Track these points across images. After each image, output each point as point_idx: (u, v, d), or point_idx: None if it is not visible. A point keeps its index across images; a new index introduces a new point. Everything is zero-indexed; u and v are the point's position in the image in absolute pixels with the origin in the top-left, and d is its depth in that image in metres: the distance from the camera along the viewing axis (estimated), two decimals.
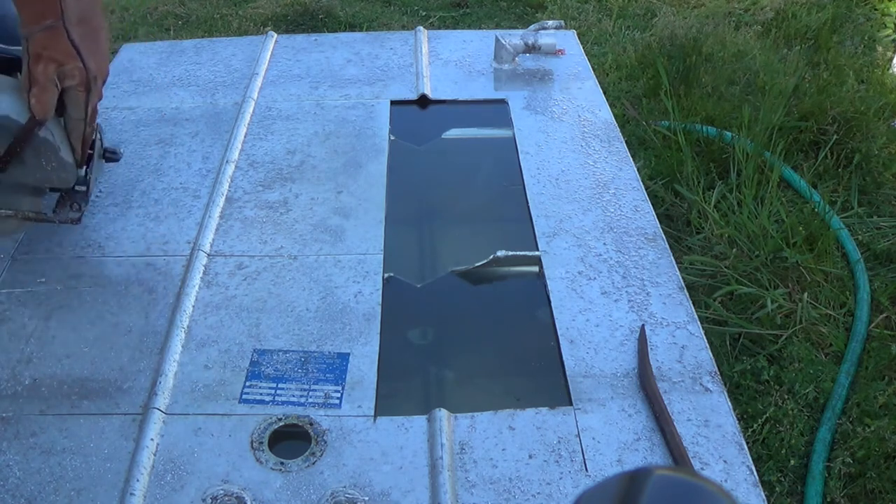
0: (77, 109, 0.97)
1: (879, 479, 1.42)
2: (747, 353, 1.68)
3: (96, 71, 0.96)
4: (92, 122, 1.00)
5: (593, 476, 0.82)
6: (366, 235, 1.13)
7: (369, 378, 0.92)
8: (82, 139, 1.00)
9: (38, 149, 0.98)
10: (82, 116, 0.98)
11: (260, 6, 3.39)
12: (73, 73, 0.94)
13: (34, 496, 0.79)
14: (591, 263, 1.09)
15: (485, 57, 1.60)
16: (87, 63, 0.94)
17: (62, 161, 0.99)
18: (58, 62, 0.93)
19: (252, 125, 1.38)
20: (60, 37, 0.92)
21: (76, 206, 1.04)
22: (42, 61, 0.92)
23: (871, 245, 1.96)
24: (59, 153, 0.98)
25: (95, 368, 0.93)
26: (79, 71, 0.94)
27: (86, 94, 0.96)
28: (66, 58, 0.93)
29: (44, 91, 0.94)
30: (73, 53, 0.93)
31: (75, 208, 1.04)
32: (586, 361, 0.94)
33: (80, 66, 0.94)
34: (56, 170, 1.00)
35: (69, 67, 0.94)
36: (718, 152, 2.24)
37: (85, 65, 0.94)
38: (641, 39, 2.99)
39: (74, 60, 0.93)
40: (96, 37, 0.96)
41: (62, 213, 1.04)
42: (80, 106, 0.97)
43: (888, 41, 3.04)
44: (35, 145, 0.97)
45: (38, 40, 0.92)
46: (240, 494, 0.79)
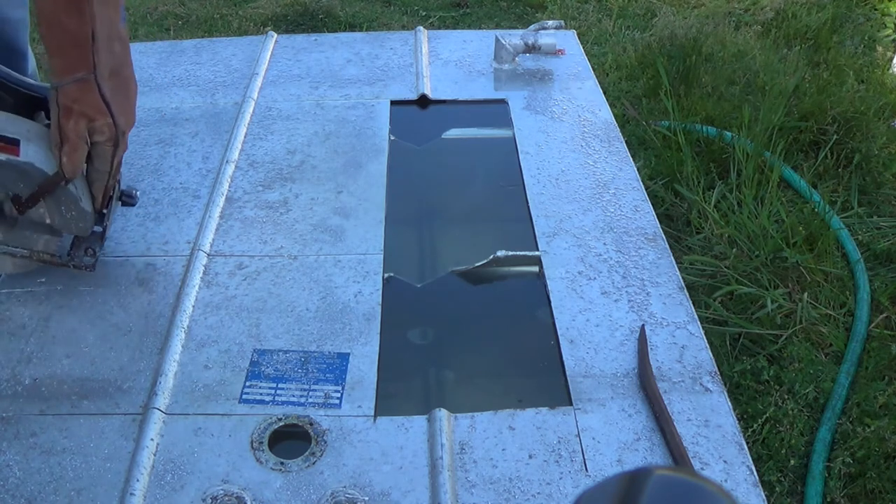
0: (103, 163, 0.96)
1: (879, 479, 1.42)
2: (747, 353, 1.68)
3: (125, 125, 0.94)
4: (116, 174, 0.99)
5: (593, 476, 0.82)
6: (366, 235, 1.13)
7: (369, 378, 0.92)
8: (104, 190, 0.99)
9: (58, 198, 0.97)
10: (108, 170, 0.97)
11: (260, 6, 3.39)
12: (102, 130, 0.93)
13: (34, 496, 0.79)
14: (591, 263, 1.09)
15: (485, 57, 1.60)
16: (116, 119, 0.92)
17: (82, 211, 0.99)
18: (88, 118, 0.91)
19: (252, 125, 1.38)
20: (92, 91, 0.90)
21: (90, 250, 1.03)
22: (73, 117, 0.90)
23: (871, 245, 1.96)
24: (80, 203, 0.98)
25: (95, 368, 0.93)
26: (108, 127, 0.93)
27: (113, 150, 0.95)
28: (96, 113, 0.91)
29: (75, 150, 0.92)
30: (104, 109, 0.91)
31: (90, 253, 1.03)
32: (586, 361, 0.94)
33: (110, 122, 0.92)
34: (75, 218, 0.99)
35: (99, 124, 0.92)
36: (718, 152, 2.24)
37: (115, 120, 0.92)
38: (641, 39, 2.99)
39: (105, 116, 0.91)
40: (127, 90, 0.94)
41: (77, 258, 1.03)
42: (106, 160, 0.96)
43: (888, 41, 3.04)
44: (56, 194, 0.97)
45: (68, 93, 0.90)
46: (240, 494, 0.79)
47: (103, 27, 0.88)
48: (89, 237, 1.03)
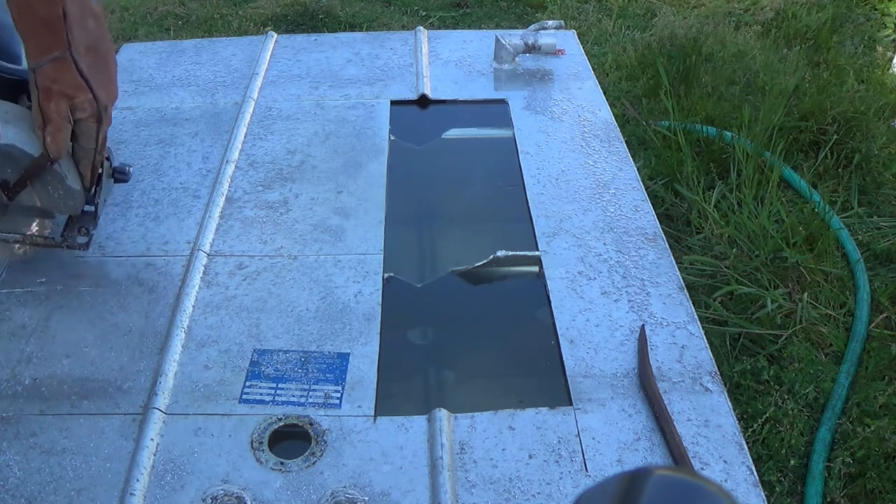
0: (88, 140, 0.96)
1: (879, 479, 1.42)
2: (747, 353, 1.68)
3: (106, 100, 0.94)
4: (102, 150, 0.99)
5: (593, 476, 0.82)
6: (366, 235, 1.13)
7: (369, 378, 0.92)
8: (91, 167, 0.99)
9: (44, 179, 0.97)
10: (93, 146, 0.97)
11: (260, 6, 3.39)
12: (83, 107, 0.92)
13: (34, 496, 0.79)
14: (591, 263, 1.09)
15: (485, 57, 1.60)
16: (97, 94, 0.92)
17: (69, 189, 0.98)
18: (68, 96, 0.91)
19: (252, 125, 1.38)
20: (69, 69, 0.89)
21: (84, 230, 1.03)
22: (53, 97, 0.90)
23: (871, 245, 1.96)
24: (66, 181, 0.97)
25: (95, 368, 0.93)
26: (90, 103, 0.92)
27: (97, 125, 0.95)
28: (76, 91, 0.91)
29: (58, 130, 0.92)
30: (83, 86, 0.91)
31: (83, 232, 1.03)
32: (586, 361, 0.94)
33: (91, 97, 0.92)
34: (63, 197, 0.99)
35: (80, 101, 0.92)
36: (718, 152, 2.24)
37: (95, 96, 0.92)
38: (641, 39, 2.99)
39: (84, 93, 0.91)
40: (105, 64, 0.94)
41: (70, 238, 1.03)
42: (91, 137, 0.96)
43: (888, 41, 3.04)
44: (42, 176, 0.96)
45: (46, 73, 0.89)
46: (240, 494, 0.79)
47: (73, 4, 0.88)
48: (82, 216, 1.02)
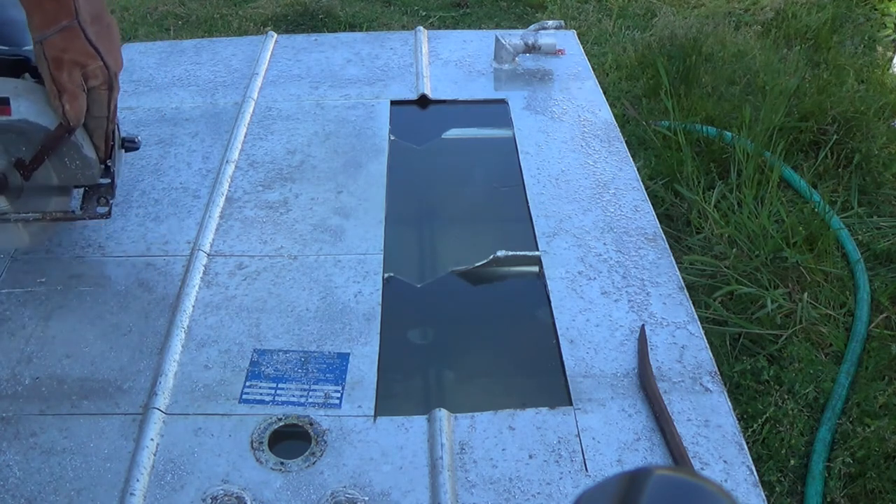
0: (100, 108, 0.96)
1: (879, 479, 1.42)
2: (747, 353, 1.68)
3: (115, 67, 0.94)
4: (113, 118, 0.99)
5: (593, 476, 0.82)
6: (366, 235, 1.13)
7: (369, 378, 0.92)
8: (105, 136, 0.99)
9: (60, 151, 0.97)
10: (105, 114, 0.97)
11: (260, 6, 3.39)
12: (95, 74, 0.92)
13: (34, 496, 0.79)
14: (591, 263, 1.09)
15: (485, 57, 1.60)
16: (106, 61, 0.92)
17: (86, 158, 0.98)
18: (80, 64, 0.90)
19: (252, 125, 1.38)
20: (78, 37, 0.89)
21: (103, 200, 1.03)
22: (65, 66, 0.90)
23: (871, 245, 1.96)
24: (83, 150, 0.97)
25: (95, 368, 0.93)
26: (101, 70, 0.92)
27: (108, 93, 0.95)
28: (87, 58, 0.90)
29: (74, 98, 0.92)
30: (94, 53, 0.91)
31: (102, 203, 1.03)
32: (586, 361, 0.94)
33: (101, 65, 0.92)
34: (80, 168, 0.98)
35: (92, 68, 0.91)
36: (718, 152, 2.24)
37: (105, 63, 0.92)
38: (641, 39, 2.99)
39: (95, 60, 0.91)
40: (110, 33, 0.94)
41: (90, 210, 1.03)
42: (103, 105, 0.96)
43: (888, 41, 3.04)
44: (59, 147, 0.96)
45: (54, 43, 0.89)
46: (240, 494, 0.79)
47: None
48: (99, 187, 1.02)
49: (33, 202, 1.01)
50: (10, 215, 1.01)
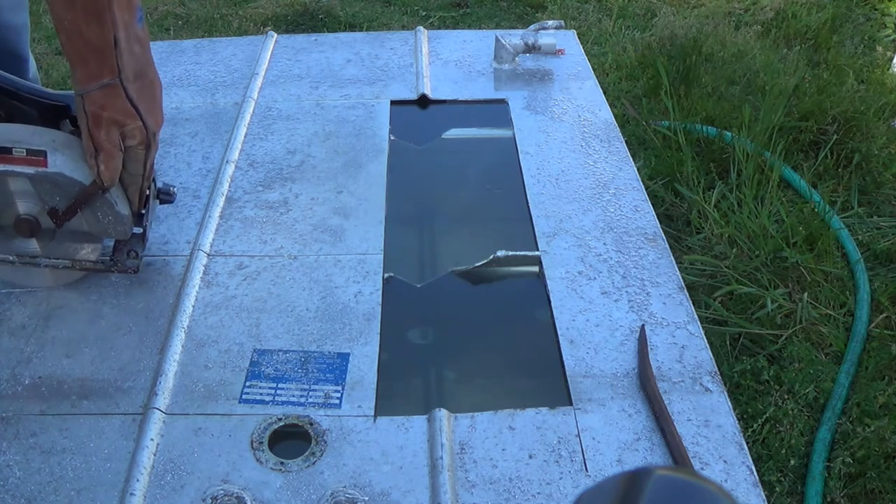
0: (137, 166, 0.95)
1: (879, 479, 1.42)
2: (747, 353, 1.68)
3: (154, 126, 0.93)
4: (149, 175, 0.98)
5: (593, 476, 0.82)
6: (366, 235, 1.13)
7: (369, 378, 0.92)
8: (139, 192, 0.98)
9: (94, 205, 0.97)
10: (141, 172, 0.96)
11: (260, 6, 3.39)
12: (133, 134, 0.92)
13: (34, 496, 0.79)
14: (591, 263, 1.09)
15: (485, 57, 1.60)
16: (146, 121, 0.91)
17: (119, 215, 0.98)
18: (119, 123, 0.90)
19: (252, 125, 1.38)
20: (119, 96, 0.88)
21: (133, 253, 1.02)
22: (104, 124, 0.89)
23: (871, 245, 1.96)
24: (116, 207, 0.97)
25: (95, 368, 0.93)
26: (139, 131, 0.92)
27: (146, 152, 0.94)
28: (126, 118, 0.90)
29: (111, 158, 0.91)
30: (133, 113, 0.90)
31: (132, 255, 1.02)
32: (586, 361, 0.94)
33: (140, 125, 0.91)
34: (112, 223, 0.98)
35: (130, 128, 0.91)
36: (718, 152, 2.24)
37: (144, 123, 0.91)
38: (641, 39, 2.99)
39: (134, 120, 0.90)
40: (152, 90, 0.93)
41: (119, 262, 1.02)
42: (139, 163, 0.95)
43: (888, 41, 3.04)
44: (91, 202, 0.96)
45: (95, 99, 0.88)
46: (240, 494, 0.79)
47: (123, 31, 0.87)
48: (130, 239, 1.02)
49: (63, 248, 1.01)
50: (41, 259, 1.01)
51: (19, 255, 1.01)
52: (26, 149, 0.92)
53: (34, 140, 0.92)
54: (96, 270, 1.03)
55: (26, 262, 1.02)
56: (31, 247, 1.01)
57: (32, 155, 0.92)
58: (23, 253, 1.01)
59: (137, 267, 1.03)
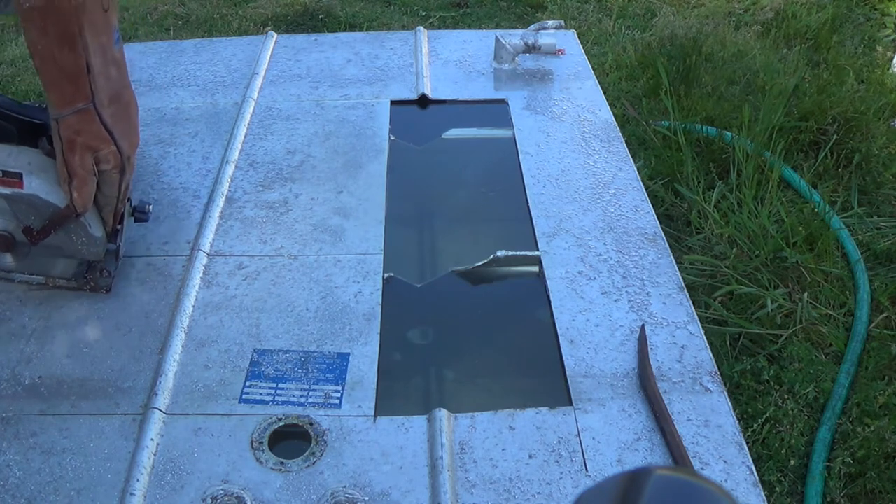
0: (111, 189, 0.96)
1: (879, 479, 1.42)
2: (747, 353, 1.68)
3: (129, 150, 0.94)
4: (124, 198, 0.98)
5: (593, 476, 0.82)
6: (366, 235, 1.13)
7: (369, 378, 0.92)
8: (114, 213, 0.99)
9: (68, 227, 0.97)
10: (116, 195, 0.96)
11: (260, 6, 3.39)
12: (107, 158, 0.92)
13: (34, 496, 0.79)
14: (591, 263, 1.09)
15: (485, 57, 1.60)
16: (120, 145, 0.91)
17: (92, 237, 0.98)
18: (93, 148, 0.90)
19: (252, 125, 1.38)
20: (93, 121, 0.89)
21: (105, 272, 1.03)
22: (77, 149, 0.89)
23: (871, 245, 1.96)
24: (90, 230, 0.97)
25: (95, 368, 0.93)
26: (113, 155, 0.92)
27: (120, 176, 0.94)
28: (100, 143, 0.90)
29: (84, 184, 0.92)
30: (107, 137, 0.90)
31: (105, 274, 1.03)
32: (586, 361, 0.94)
33: (115, 149, 0.91)
34: (85, 244, 0.99)
35: (104, 153, 0.91)
36: (718, 152, 2.24)
37: (118, 146, 0.91)
38: (641, 39, 2.99)
39: (108, 145, 0.90)
40: (127, 113, 0.94)
41: (92, 280, 1.03)
42: (114, 186, 0.95)
43: (888, 41, 3.04)
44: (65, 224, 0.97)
45: (70, 124, 0.88)
46: (240, 494, 0.79)
47: (97, 56, 0.87)
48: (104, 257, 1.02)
49: (38, 264, 1.02)
50: (15, 275, 1.03)
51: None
52: (2, 170, 0.92)
53: (10, 161, 0.93)
54: (68, 288, 1.04)
55: (1, 276, 1.03)
56: (7, 261, 1.02)
57: (8, 176, 0.92)
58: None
59: (110, 286, 1.04)
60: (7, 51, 2.83)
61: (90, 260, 1.02)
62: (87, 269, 1.03)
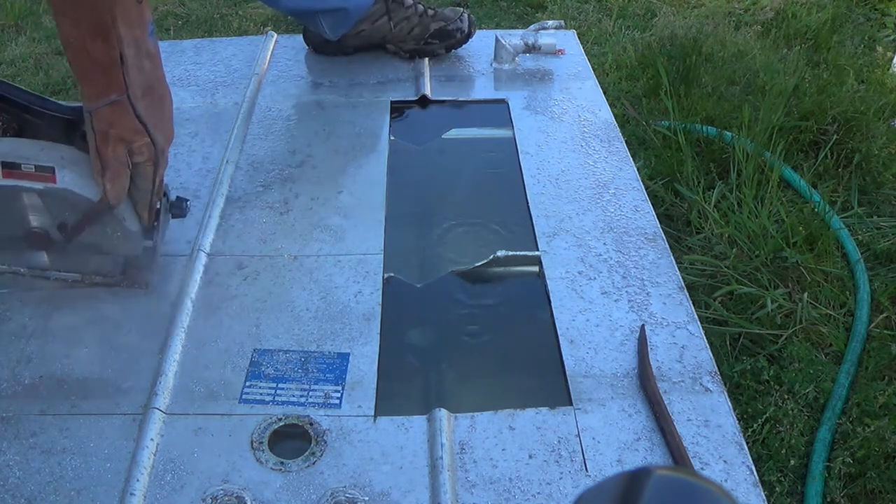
0: (145, 182, 0.95)
1: (879, 479, 1.42)
2: (747, 353, 1.68)
3: (163, 142, 0.93)
4: (159, 191, 0.98)
5: (593, 476, 0.82)
6: (366, 235, 1.13)
7: (369, 378, 0.92)
8: (149, 207, 0.98)
9: (103, 221, 0.97)
10: (150, 188, 0.96)
11: (260, 6, 3.39)
12: (141, 151, 0.91)
13: (34, 496, 0.79)
14: (591, 263, 1.09)
15: (485, 57, 1.60)
16: (154, 137, 0.91)
17: (127, 231, 0.98)
18: (126, 140, 0.90)
19: (252, 125, 1.38)
20: (126, 113, 0.88)
21: (143, 266, 1.02)
22: (111, 142, 0.89)
23: (871, 245, 1.96)
24: (125, 223, 0.97)
25: (95, 368, 0.93)
26: (147, 147, 0.91)
27: (154, 168, 0.94)
28: (133, 135, 0.90)
29: (117, 177, 0.91)
30: (141, 129, 0.90)
31: (142, 269, 1.02)
32: (586, 361, 0.94)
33: (148, 141, 0.91)
34: (121, 239, 0.98)
35: (138, 145, 0.91)
36: (718, 152, 2.24)
37: (152, 139, 0.91)
38: (641, 39, 2.99)
39: (142, 137, 0.90)
40: (161, 106, 0.93)
41: (129, 276, 1.03)
42: (148, 179, 0.95)
43: (888, 41, 3.04)
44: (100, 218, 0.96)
45: (103, 116, 0.88)
46: (240, 494, 0.79)
47: (130, 48, 0.86)
48: (140, 253, 1.02)
49: (73, 261, 1.02)
50: (50, 273, 1.02)
51: (30, 268, 1.02)
52: (35, 165, 0.92)
53: (42, 156, 0.92)
54: (106, 285, 1.03)
55: (36, 274, 1.02)
56: (42, 259, 1.01)
57: (41, 171, 0.92)
58: (33, 265, 1.02)
59: (148, 282, 1.03)
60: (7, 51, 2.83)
61: (127, 255, 1.02)
62: (123, 265, 1.03)
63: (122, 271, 1.03)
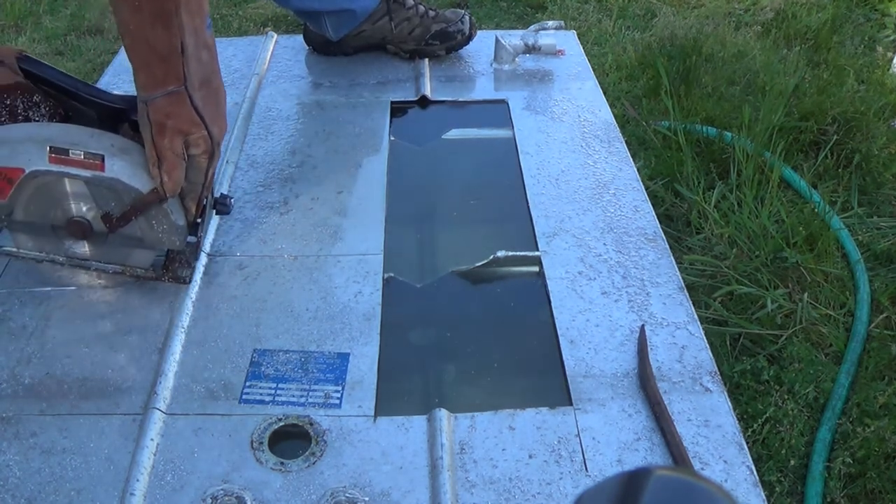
0: (198, 175, 0.94)
1: (879, 479, 1.42)
2: (747, 353, 1.68)
3: (219, 136, 0.92)
4: (209, 186, 0.97)
5: (593, 476, 0.82)
6: (366, 235, 1.13)
7: (369, 378, 0.92)
8: (197, 202, 0.97)
9: (149, 213, 0.95)
10: (202, 181, 0.94)
11: (260, 6, 3.39)
12: (198, 143, 0.90)
13: (34, 496, 0.79)
14: (591, 263, 1.09)
15: (485, 57, 1.60)
16: (210, 130, 0.90)
17: (174, 225, 0.96)
18: (183, 132, 0.88)
19: (252, 125, 1.38)
20: (184, 104, 0.87)
21: (185, 262, 1.01)
22: (168, 133, 0.87)
23: (871, 245, 1.96)
24: (171, 216, 0.96)
25: (95, 368, 0.93)
26: (204, 140, 0.90)
27: (208, 161, 0.93)
28: (191, 127, 0.88)
29: (174, 168, 0.90)
30: (198, 121, 0.88)
31: (185, 264, 1.01)
32: (586, 361, 0.94)
33: (205, 134, 0.89)
34: (167, 232, 0.97)
35: (195, 137, 0.89)
36: (718, 152, 2.24)
37: (209, 131, 0.90)
38: (641, 39, 2.98)
39: (200, 129, 0.89)
40: (217, 98, 0.91)
41: (172, 271, 1.01)
42: (201, 172, 0.93)
43: (888, 41, 3.04)
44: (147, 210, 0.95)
45: (159, 107, 0.86)
46: (240, 494, 0.79)
47: (191, 37, 0.85)
48: (184, 248, 1.00)
49: (114, 253, 1.00)
50: (90, 262, 1.01)
51: (69, 257, 1.00)
52: (84, 151, 0.90)
53: (92, 143, 0.91)
54: (147, 278, 1.02)
55: (75, 264, 1.01)
56: (82, 249, 1.00)
57: (90, 158, 0.90)
58: (72, 255, 1.00)
59: (190, 277, 1.02)
60: None
61: (170, 249, 1.00)
62: (165, 260, 1.01)
63: (164, 266, 1.02)
